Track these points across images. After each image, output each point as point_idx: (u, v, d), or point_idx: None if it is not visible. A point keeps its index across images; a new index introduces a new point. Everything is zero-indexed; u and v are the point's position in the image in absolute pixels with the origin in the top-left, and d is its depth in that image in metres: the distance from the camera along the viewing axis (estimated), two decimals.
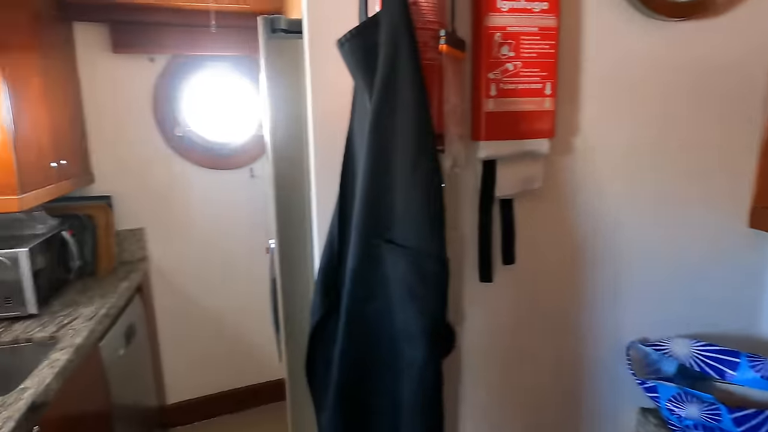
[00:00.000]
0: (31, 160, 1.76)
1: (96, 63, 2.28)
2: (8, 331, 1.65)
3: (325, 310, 0.89)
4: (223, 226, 2.60)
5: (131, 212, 2.45)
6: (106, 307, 1.85)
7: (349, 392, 0.84)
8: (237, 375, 2.76)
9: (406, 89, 0.76)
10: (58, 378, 1.38)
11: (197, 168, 2.52)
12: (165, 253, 2.53)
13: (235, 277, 2.66)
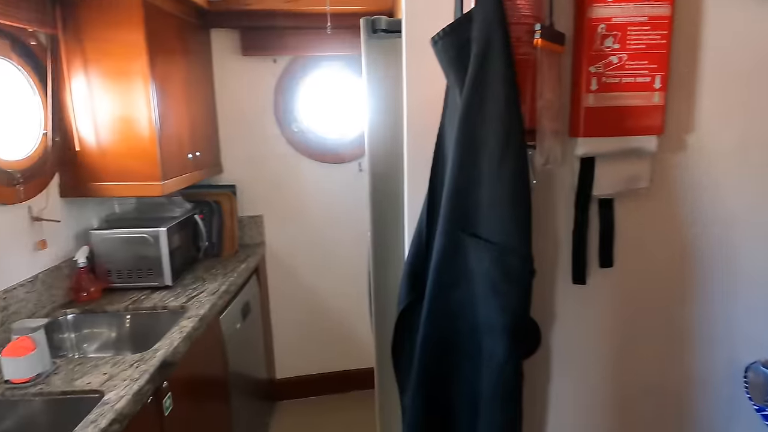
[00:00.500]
0: (173, 152, 2.02)
1: (227, 65, 2.54)
2: (149, 299, 1.92)
3: (411, 298, 0.93)
4: (332, 216, 2.75)
5: (252, 200, 2.69)
6: (227, 284, 2.06)
7: (430, 377, 0.87)
8: (340, 358, 2.91)
9: (497, 83, 0.76)
10: (185, 342, 1.58)
11: (310, 161, 2.69)
12: (279, 239, 2.75)
13: (341, 265, 2.81)
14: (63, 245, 1.93)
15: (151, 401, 1.38)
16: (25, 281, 1.70)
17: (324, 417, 2.73)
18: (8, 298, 1.62)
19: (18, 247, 1.69)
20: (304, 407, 2.83)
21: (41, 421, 1.32)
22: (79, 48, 1.81)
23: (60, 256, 1.90)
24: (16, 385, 1.32)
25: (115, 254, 1.99)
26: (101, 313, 1.85)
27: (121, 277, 2.01)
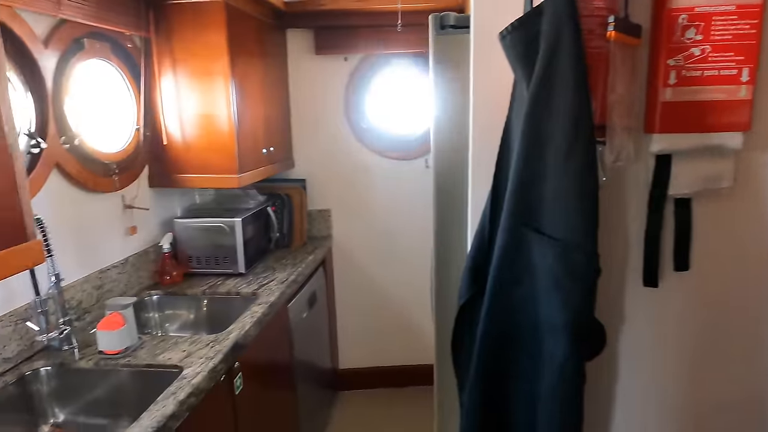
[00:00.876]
0: (249, 147, 2.13)
1: (301, 64, 2.64)
2: (224, 285, 2.04)
3: (472, 293, 0.93)
4: (398, 211, 2.79)
5: (321, 195, 2.78)
6: (295, 274, 2.15)
7: (488, 373, 0.87)
8: (402, 353, 2.95)
9: (565, 77, 0.75)
10: (255, 326, 1.67)
11: (378, 157, 2.73)
12: (346, 232, 2.82)
13: (405, 260, 2.83)
14: (150, 232, 2.10)
15: (223, 380, 1.48)
16: (118, 263, 1.87)
17: (384, 410, 2.77)
18: (103, 277, 1.79)
19: (112, 232, 1.86)
20: (365, 399, 2.89)
21: (128, 390, 1.45)
22: (169, 49, 1.96)
23: (147, 242, 2.07)
24: (108, 356, 1.46)
25: (195, 241, 2.13)
26: (182, 296, 1.99)
27: (200, 263, 2.15)
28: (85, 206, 1.72)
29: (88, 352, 1.49)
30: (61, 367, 1.45)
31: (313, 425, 2.40)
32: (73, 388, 1.45)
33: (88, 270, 1.73)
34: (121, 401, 1.46)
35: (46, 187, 1.54)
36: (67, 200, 1.64)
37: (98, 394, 1.46)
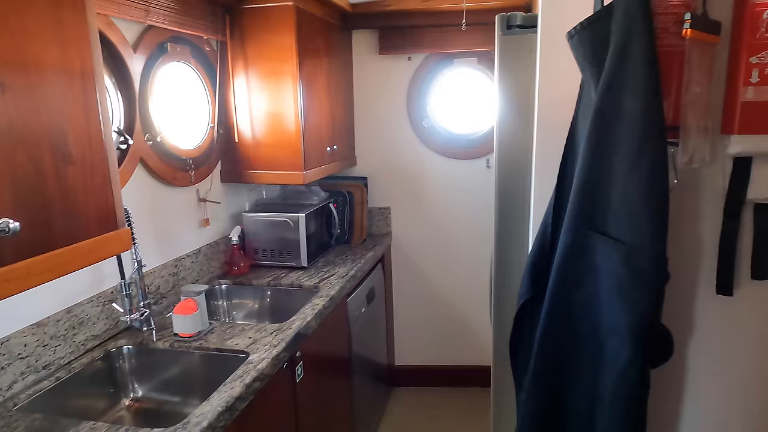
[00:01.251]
0: (314, 145, 2.21)
1: (365, 63, 2.69)
2: (287, 277, 2.13)
3: (532, 293, 0.93)
4: (458, 210, 2.78)
5: (381, 193, 2.82)
6: (355, 269, 2.20)
7: (547, 375, 0.87)
8: (457, 353, 2.94)
9: (636, 78, 0.73)
10: (316, 318, 1.74)
11: (439, 157, 2.74)
12: (405, 230, 2.85)
13: (464, 259, 2.83)
14: (221, 224, 2.22)
15: (286, 367, 1.55)
16: (191, 253, 2.00)
17: (437, 408, 2.78)
18: (179, 265, 1.92)
19: (188, 224, 1.99)
20: (418, 396, 2.91)
21: (198, 371, 1.55)
22: (242, 52, 2.06)
23: (218, 234, 2.19)
24: (182, 339, 1.57)
25: (261, 235, 2.24)
26: (248, 286, 2.09)
27: (265, 256, 2.25)
28: (164, 199, 1.85)
29: (164, 333, 1.61)
30: (140, 346, 1.57)
31: (368, 418, 2.45)
32: (150, 367, 1.57)
33: (165, 258, 1.86)
34: (192, 381, 1.56)
35: (132, 180, 1.68)
36: (149, 193, 1.78)
37: (172, 374, 1.57)
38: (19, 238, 0.90)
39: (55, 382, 1.36)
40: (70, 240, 1.01)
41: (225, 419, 1.20)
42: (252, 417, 1.35)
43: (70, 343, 1.45)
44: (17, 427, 1.15)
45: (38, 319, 1.36)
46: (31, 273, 0.92)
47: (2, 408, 1.22)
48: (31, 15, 0.92)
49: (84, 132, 1.05)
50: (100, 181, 1.09)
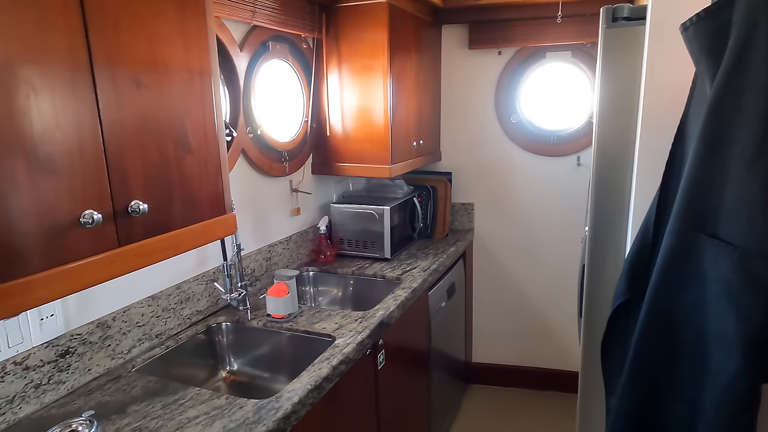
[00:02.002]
0: (401, 139, 2.25)
1: (454, 58, 2.68)
2: (370, 268, 2.19)
3: (629, 296, 0.90)
4: (544, 209, 2.71)
5: (465, 188, 2.81)
6: (436, 264, 2.22)
7: (642, 381, 0.84)
8: (538, 355, 2.87)
9: (759, 73, 0.69)
10: (399, 308, 1.78)
11: (526, 153, 2.68)
12: (488, 227, 2.82)
13: (549, 259, 2.75)
14: (310, 214, 2.33)
15: (369, 353, 1.61)
16: (283, 239, 2.12)
17: (514, 409, 2.73)
18: (271, 251, 2.04)
19: (281, 212, 2.11)
20: (494, 395, 2.88)
21: (287, 350, 1.65)
22: (336, 48, 2.14)
23: (307, 223, 2.30)
24: (274, 319, 1.67)
25: (347, 225, 2.32)
26: (333, 274, 2.18)
27: (350, 246, 2.33)
28: (261, 188, 1.98)
29: (258, 314, 1.72)
30: (237, 324, 1.70)
31: (444, 412, 2.46)
32: (244, 343, 1.70)
33: (260, 243, 1.99)
34: (281, 359, 1.66)
35: (234, 170, 1.81)
36: (248, 182, 1.91)
37: (263, 351, 1.68)
38: (146, 219, 1.02)
39: (166, 349, 1.51)
40: (186, 222, 1.12)
41: (313, 397, 1.27)
42: (337, 397, 1.42)
43: (178, 316, 1.60)
44: (135, 386, 1.29)
45: (153, 293, 1.52)
46: (155, 250, 1.04)
47: (123, 369, 1.38)
48: (163, 20, 1.02)
49: (201, 124, 1.16)
50: (212, 170, 1.19)
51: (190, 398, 1.23)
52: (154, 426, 1.12)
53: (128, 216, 0.98)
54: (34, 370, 1.19)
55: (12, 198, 0.79)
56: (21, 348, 1.16)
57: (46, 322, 1.22)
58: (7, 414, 1.14)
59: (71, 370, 1.27)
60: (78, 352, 1.29)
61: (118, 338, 1.40)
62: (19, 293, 0.79)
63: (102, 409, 1.19)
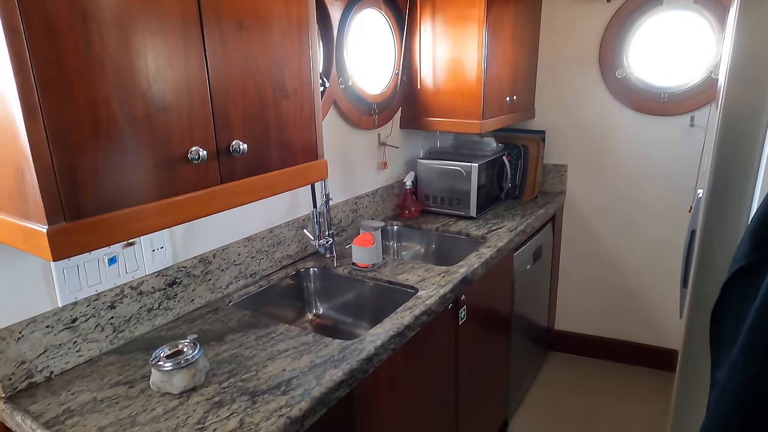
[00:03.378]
0: (494, 94, 2.15)
1: (556, 8, 2.49)
2: (455, 225, 2.17)
3: (751, 259, 0.81)
4: (645, 172, 2.50)
5: (559, 149, 2.66)
6: (524, 225, 2.14)
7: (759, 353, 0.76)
8: (627, 327, 2.73)
9: None
10: (482, 266, 1.75)
11: (631, 111, 2.47)
12: (581, 190, 2.66)
13: (647, 228, 2.56)
14: (397, 169, 2.33)
15: (450, 308, 1.60)
16: (369, 193, 2.14)
17: (595, 381, 2.64)
18: (358, 203, 2.08)
19: (368, 166, 2.13)
20: (576, 364, 2.79)
21: (370, 299, 1.69)
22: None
23: (393, 177, 2.31)
24: (359, 268, 1.71)
25: (433, 182, 2.29)
26: (417, 229, 2.18)
27: (435, 203, 2.31)
28: (350, 140, 2.00)
29: (343, 262, 1.77)
30: (324, 270, 1.76)
31: (522, 376, 2.43)
32: (331, 289, 1.76)
33: (347, 195, 2.03)
34: (364, 307, 1.71)
35: (326, 120, 1.84)
36: (338, 134, 1.93)
37: (347, 298, 1.74)
38: (245, 159, 1.06)
39: (259, 288, 1.60)
40: (282, 164, 1.16)
41: (395, 343, 1.29)
42: (417, 347, 1.44)
43: (271, 258, 1.69)
44: (232, 319, 1.39)
45: (249, 235, 1.61)
46: (252, 190, 1.09)
47: (221, 302, 1.49)
48: None
49: (297, 71, 1.17)
50: (307, 115, 1.21)
51: (281, 333, 1.30)
52: (248, 354, 1.20)
53: (230, 155, 1.03)
54: (147, 295, 1.32)
55: (129, 131, 0.85)
56: (136, 275, 1.29)
57: (157, 253, 1.33)
58: (125, 332, 1.28)
59: (177, 299, 1.40)
60: (183, 283, 1.41)
61: (218, 274, 1.51)
62: (134, 220, 0.86)
63: (203, 335, 1.30)
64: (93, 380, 1.13)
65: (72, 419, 1.00)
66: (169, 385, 1.06)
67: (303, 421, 1.01)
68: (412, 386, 1.45)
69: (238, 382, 1.09)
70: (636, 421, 2.34)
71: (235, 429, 0.95)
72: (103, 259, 1.21)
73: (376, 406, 1.28)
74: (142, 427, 0.96)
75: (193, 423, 0.97)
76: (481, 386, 1.93)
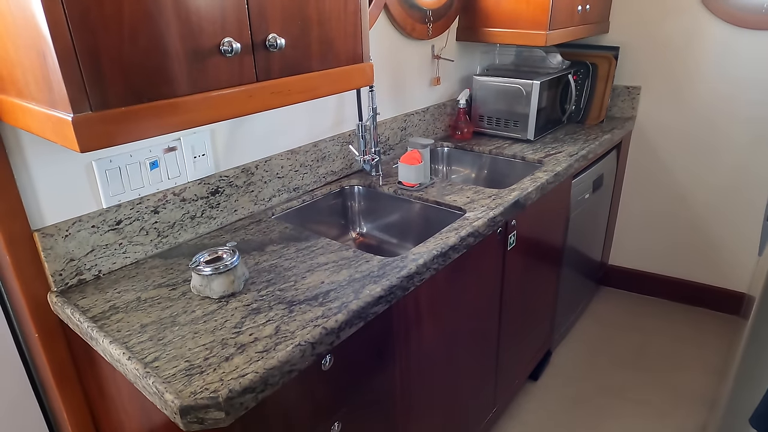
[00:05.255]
0: (563, 1, 1.92)
1: None
2: (510, 148, 2.03)
3: None
4: (734, 99, 2.22)
5: (633, 68, 2.40)
6: (585, 150, 1.98)
7: None
8: (690, 267, 2.56)
9: None
10: (537, 191, 1.63)
11: (723, 24, 2.16)
12: (654, 117, 2.42)
13: (728, 160, 2.31)
14: (450, 86, 2.17)
15: (499, 232, 1.52)
16: (420, 110, 2.02)
17: (647, 319, 2.53)
18: (407, 120, 1.97)
19: (420, 80, 1.99)
20: (629, 301, 2.68)
21: (416, 219, 1.63)
22: None
23: (446, 95, 2.16)
24: (405, 187, 1.64)
25: (489, 101, 2.13)
26: (469, 152, 2.06)
27: (490, 124, 2.16)
28: (401, 51, 1.86)
29: (389, 181, 1.70)
30: (369, 188, 1.70)
31: (570, 309, 2.36)
32: (375, 208, 1.71)
33: (396, 111, 1.92)
34: (409, 227, 1.65)
35: (375, 27, 1.70)
36: (388, 43, 1.79)
37: (392, 218, 1.68)
38: (283, 55, 0.98)
39: (302, 203, 1.57)
40: (323, 65, 1.06)
41: (438, 263, 1.24)
42: (462, 269, 1.38)
43: (314, 173, 1.64)
44: (273, 231, 1.37)
45: (292, 147, 1.55)
46: (292, 91, 1.01)
47: (264, 214, 1.47)
48: None
49: None
50: (351, 11, 1.10)
51: (321, 247, 1.27)
52: (287, 265, 1.19)
53: (266, 50, 0.94)
54: (190, 202, 1.31)
55: (158, 17, 0.78)
56: (179, 181, 1.27)
57: (199, 161, 1.30)
58: (170, 237, 1.28)
59: (220, 208, 1.38)
60: (226, 193, 1.39)
61: (260, 186, 1.48)
62: (167, 113, 0.81)
63: (244, 245, 1.29)
64: (138, 281, 1.14)
65: (117, 315, 1.02)
66: (209, 289, 1.06)
67: (339, 332, 0.98)
68: (454, 310, 1.40)
69: (276, 291, 1.08)
70: (690, 362, 2.24)
71: (270, 335, 0.94)
72: (144, 162, 1.20)
73: (415, 325, 1.25)
74: (182, 327, 0.97)
75: (230, 326, 0.97)
76: (526, 315, 1.88)
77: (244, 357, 0.88)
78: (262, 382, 0.85)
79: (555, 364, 2.26)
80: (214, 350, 0.90)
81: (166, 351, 0.91)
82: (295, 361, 0.90)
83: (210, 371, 0.85)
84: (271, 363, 0.87)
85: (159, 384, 0.83)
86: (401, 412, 1.29)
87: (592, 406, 2.02)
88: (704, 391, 2.08)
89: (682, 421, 1.94)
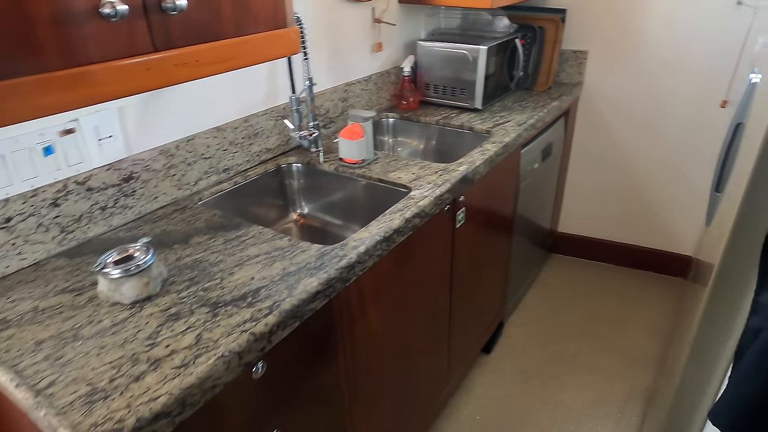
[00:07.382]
0: None
1: None
2: (457, 118, 1.94)
3: None
4: (677, 62, 2.21)
5: (580, 32, 2.34)
6: (534, 119, 1.91)
7: None
8: (636, 232, 2.59)
9: None
10: (485, 164, 1.56)
11: None
12: (601, 82, 2.38)
13: (674, 127, 2.31)
14: (394, 52, 2.04)
15: (447, 210, 1.44)
16: (362, 79, 1.89)
17: (596, 283, 2.56)
18: (348, 90, 1.83)
19: (360, 46, 1.85)
20: (578, 267, 2.70)
21: (360, 198, 1.52)
22: None
23: (390, 62, 2.03)
24: (347, 164, 1.52)
25: (435, 68, 2.02)
26: (415, 122, 1.96)
27: (436, 92, 2.06)
28: (338, 14, 1.71)
29: (330, 157, 1.58)
30: (308, 166, 1.57)
31: (521, 279, 2.34)
32: (315, 187, 1.59)
33: (336, 81, 1.78)
34: (353, 207, 1.55)
35: None
36: (323, 6, 1.64)
37: (335, 197, 1.57)
38: (186, 19, 0.83)
39: (234, 185, 1.43)
40: (237, 31, 0.92)
41: (381, 248, 1.14)
42: (408, 252, 1.30)
43: (247, 152, 1.49)
44: (199, 219, 1.23)
45: (218, 124, 1.40)
46: (201, 62, 0.86)
47: (189, 200, 1.33)
48: None
49: None
50: None
51: (253, 236, 1.15)
52: (214, 259, 1.06)
53: (163, 12, 0.79)
54: (98, 192, 1.14)
55: None
56: (81, 168, 1.11)
57: (105, 142, 1.14)
58: (77, 232, 1.12)
59: (136, 196, 1.23)
60: (142, 179, 1.23)
61: (183, 168, 1.32)
62: (30, 93, 0.66)
63: (165, 237, 1.15)
64: (37, 286, 0.99)
65: (7, 331, 0.87)
66: (119, 294, 0.93)
67: (271, 337, 0.88)
68: (402, 294, 1.32)
69: (199, 292, 0.96)
70: (637, 323, 2.29)
71: (190, 345, 0.82)
72: (35, 148, 1.02)
73: (360, 317, 1.16)
74: (86, 341, 0.84)
75: (143, 338, 0.84)
76: (478, 289, 1.83)
77: (158, 375, 0.77)
78: (179, 403, 0.74)
79: (507, 335, 2.25)
80: (122, 368, 0.78)
81: (65, 373, 0.78)
82: (218, 375, 0.79)
83: (116, 395, 0.73)
84: (189, 381, 0.75)
85: (52, 416, 0.70)
86: (349, 402, 1.22)
87: (545, 375, 2.03)
88: (652, 352, 2.13)
89: (632, 383, 1.98)
